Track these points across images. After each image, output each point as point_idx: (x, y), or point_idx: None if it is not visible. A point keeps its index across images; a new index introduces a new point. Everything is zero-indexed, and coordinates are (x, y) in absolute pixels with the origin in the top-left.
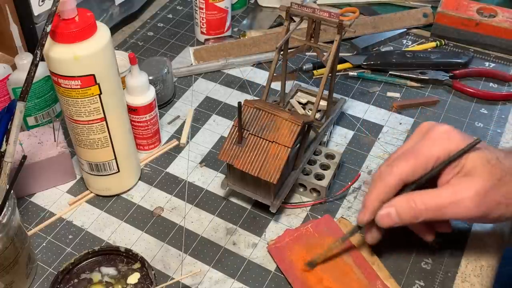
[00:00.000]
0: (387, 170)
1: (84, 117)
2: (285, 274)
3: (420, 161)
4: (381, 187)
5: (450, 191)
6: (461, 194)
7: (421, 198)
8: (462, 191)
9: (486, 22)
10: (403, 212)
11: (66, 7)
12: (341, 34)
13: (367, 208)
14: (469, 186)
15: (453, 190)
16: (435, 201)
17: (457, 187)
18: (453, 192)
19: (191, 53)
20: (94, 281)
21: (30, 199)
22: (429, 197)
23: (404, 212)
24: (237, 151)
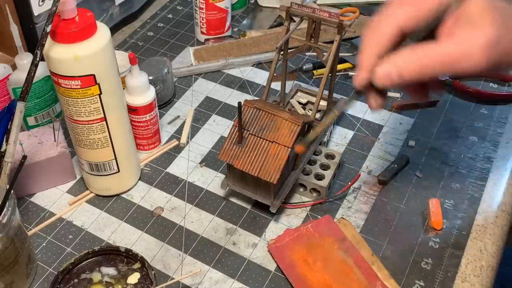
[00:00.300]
0: (381, 18)
1: (84, 117)
2: (285, 274)
3: (420, 5)
4: (375, 38)
5: (456, 42)
6: (470, 44)
7: (425, 51)
8: (471, 41)
9: None
10: (406, 67)
11: (66, 7)
12: (341, 34)
13: (363, 66)
14: (478, 35)
15: (460, 41)
16: (443, 54)
17: (463, 37)
18: (460, 43)
19: (191, 53)
20: (94, 281)
21: (30, 199)
22: (434, 50)
23: (407, 68)
24: (237, 151)
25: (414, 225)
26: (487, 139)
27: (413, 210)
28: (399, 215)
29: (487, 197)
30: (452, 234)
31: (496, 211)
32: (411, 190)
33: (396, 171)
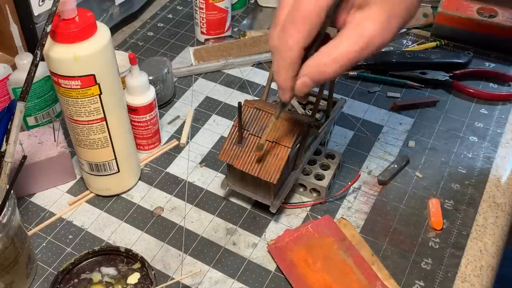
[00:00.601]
0: (281, 44)
1: (84, 117)
2: (285, 274)
3: (311, 19)
4: (286, 65)
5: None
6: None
7: (328, 55)
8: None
9: (486, 22)
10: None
11: (66, 7)
12: None
13: (284, 88)
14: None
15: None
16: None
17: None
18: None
19: (191, 53)
20: (94, 281)
21: (30, 199)
22: (336, 50)
23: (319, 76)
24: (237, 151)
25: (414, 225)
26: (487, 139)
27: (413, 210)
28: (399, 215)
29: (487, 197)
30: (452, 234)
31: (496, 211)
32: (411, 190)
33: (396, 171)
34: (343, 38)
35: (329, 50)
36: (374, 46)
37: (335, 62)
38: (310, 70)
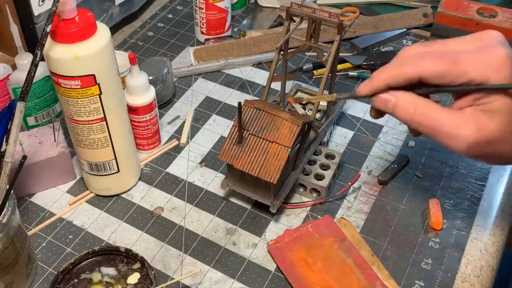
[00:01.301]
0: (414, 57)
1: (84, 117)
2: (285, 274)
3: (453, 72)
4: (396, 71)
5: (456, 120)
6: (464, 131)
7: (424, 109)
8: (467, 128)
9: (486, 22)
10: (400, 110)
11: (66, 7)
12: (341, 34)
13: (372, 84)
14: (477, 128)
15: (460, 123)
16: (435, 123)
17: (465, 121)
18: (458, 124)
19: (191, 53)
20: (94, 281)
21: (30, 199)
22: (432, 114)
23: (401, 111)
24: (237, 151)
25: (414, 225)
26: None
27: (413, 210)
28: (399, 215)
29: (487, 197)
30: (452, 234)
31: (496, 211)
32: (411, 190)
33: (396, 171)
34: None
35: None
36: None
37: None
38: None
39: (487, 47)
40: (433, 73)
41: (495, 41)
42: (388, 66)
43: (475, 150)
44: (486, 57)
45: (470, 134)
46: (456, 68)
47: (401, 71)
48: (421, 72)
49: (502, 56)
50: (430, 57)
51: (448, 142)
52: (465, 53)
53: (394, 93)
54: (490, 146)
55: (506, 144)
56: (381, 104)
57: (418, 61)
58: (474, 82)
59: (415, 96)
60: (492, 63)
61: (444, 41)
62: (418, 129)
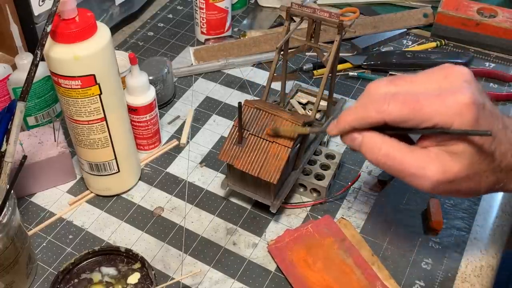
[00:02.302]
0: (379, 100)
1: (84, 117)
2: (285, 274)
3: (416, 117)
4: (361, 115)
5: (421, 161)
6: (428, 172)
7: (389, 150)
8: (432, 170)
9: (487, 22)
10: (365, 149)
11: (67, 7)
12: (341, 34)
13: (339, 126)
14: (441, 169)
15: (424, 163)
16: (400, 164)
17: (429, 162)
18: (423, 165)
19: (191, 53)
20: (94, 281)
21: (30, 199)
22: (397, 155)
23: (366, 150)
24: (237, 151)
25: (414, 225)
26: None
27: (413, 210)
28: (399, 215)
29: (487, 197)
30: (452, 234)
31: (496, 211)
32: (411, 190)
33: None
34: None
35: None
36: (412, 183)
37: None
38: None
39: (451, 90)
40: (396, 118)
41: (461, 80)
42: (354, 108)
43: (440, 189)
44: (449, 102)
45: (435, 175)
46: (419, 114)
47: (366, 115)
48: (384, 118)
49: (465, 101)
50: (394, 101)
51: (413, 182)
52: (429, 98)
53: (362, 132)
54: (455, 185)
55: (470, 182)
56: (349, 142)
57: (382, 104)
58: (438, 126)
59: (381, 136)
60: (455, 109)
61: (412, 79)
62: (384, 169)
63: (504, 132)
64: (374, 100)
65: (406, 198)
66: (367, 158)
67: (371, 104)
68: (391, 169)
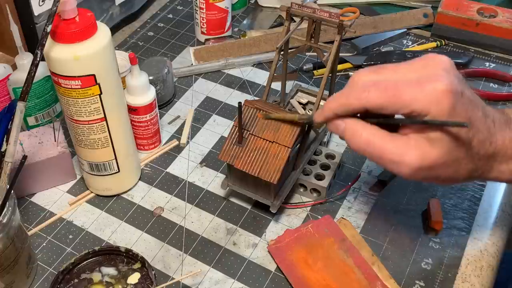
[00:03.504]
0: (360, 88)
1: (84, 117)
2: (285, 274)
3: (396, 104)
4: (343, 102)
5: (401, 148)
6: (407, 158)
7: (370, 136)
8: (411, 156)
9: (487, 22)
10: (348, 136)
11: (67, 7)
12: (342, 34)
13: (323, 113)
14: (420, 156)
15: (404, 150)
16: (380, 150)
17: (408, 149)
18: (402, 151)
19: (191, 53)
20: (94, 281)
21: (30, 199)
22: (377, 142)
23: (349, 138)
24: (237, 151)
25: (414, 225)
26: None
27: (413, 210)
28: (399, 215)
29: (487, 197)
30: (452, 234)
31: (496, 211)
32: (411, 190)
33: None
34: (393, 145)
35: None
36: (392, 168)
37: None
38: (350, 126)
39: (429, 78)
40: (375, 105)
41: (440, 68)
42: (338, 95)
43: (419, 175)
44: (426, 89)
45: (413, 161)
46: (397, 100)
47: (347, 102)
48: (364, 104)
49: (442, 88)
50: (374, 88)
51: (393, 168)
52: (407, 85)
53: (344, 119)
54: (433, 171)
55: (449, 168)
56: (333, 129)
57: (362, 92)
58: (415, 113)
59: (362, 123)
60: (432, 96)
61: (394, 68)
62: (365, 155)
63: (484, 120)
64: (356, 88)
65: (406, 198)
66: (349, 144)
67: (353, 92)
68: (372, 156)
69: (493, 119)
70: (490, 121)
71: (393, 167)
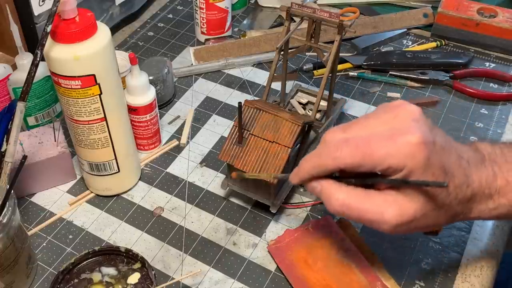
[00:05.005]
0: (333, 147)
1: (84, 117)
2: (285, 274)
3: (369, 162)
4: (317, 163)
5: (379, 206)
6: (387, 216)
7: (345, 199)
8: (390, 214)
9: (487, 22)
10: (325, 200)
11: (67, 7)
12: (342, 34)
13: (299, 174)
14: (399, 212)
15: (382, 208)
16: (358, 211)
17: (387, 206)
18: (381, 210)
19: (191, 53)
20: (94, 281)
21: (30, 199)
22: (355, 203)
23: (325, 201)
24: (237, 151)
25: None
26: (488, 139)
27: None
28: None
29: None
30: (452, 234)
31: None
32: None
33: None
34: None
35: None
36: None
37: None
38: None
39: (400, 130)
40: (350, 164)
41: (409, 119)
42: (311, 157)
43: (399, 230)
44: (399, 143)
45: (393, 218)
46: (371, 158)
47: (321, 163)
48: (339, 164)
49: (415, 141)
50: (346, 146)
51: (373, 226)
52: (379, 141)
53: (320, 181)
54: (413, 224)
55: (429, 219)
56: (310, 190)
57: (335, 151)
58: (391, 169)
59: (337, 185)
60: (405, 150)
61: (364, 123)
62: (343, 216)
63: (459, 164)
64: (328, 148)
65: None
66: (326, 207)
67: (326, 152)
68: (350, 217)
69: (468, 160)
70: (465, 163)
71: (373, 226)
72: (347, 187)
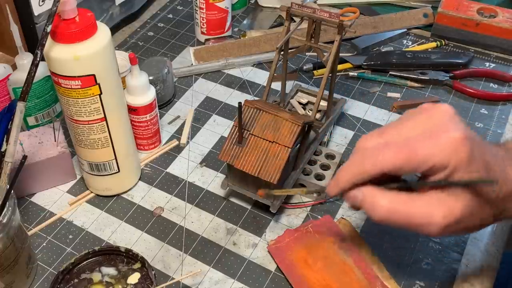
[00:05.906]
0: (372, 152)
1: (84, 117)
2: (285, 274)
3: (412, 162)
4: (358, 170)
5: (426, 209)
6: (435, 218)
7: (391, 204)
8: (438, 216)
9: (487, 22)
10: (368, 208)
11: (67, 7)
12: (342, 35)
13: (339, 185)
14: (447, 213)
15: (429, 211)
16: (406, 216)
17: (433, 208)
18: (428, 213)
19: (191, 53)
20: (94, 281)
21: (30, 199)
22: (401, 209)
23: (369, 210)
24: (237, 151)
25: None
26: (487, 139)
27: None
28: None
29: None
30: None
31: None
32: None
33: None
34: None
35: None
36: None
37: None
38: (369, 196)
39: (440, 128)
40: (393, 167)
41: (446, 118)
42: (350, 165)
43: (449, 231)
44: (442, 141)
45: (441, 220)
46: (414, 159)
47: (363, 169)
48: (382, 168)
49: (459, 136)
50: (388, 150)
51: (422, 231)
52: (420, 141)
53: (361, 189)
54: (461, 224)
55: (475, 217)
56: (350, 201)
57: (377, 156)
58: (435, 167)
59: (380, 192)
60: (449, 146)
61: (398, 126)
62: (389, 224)
63: (495, 160)
64: (367, 154)
65: None
66: (370, 216)
67: (366, 159)
68: (397, 224)
69: (502, 157)
70: (500, 160)
71: (422, 230)
72: (390, 192)
